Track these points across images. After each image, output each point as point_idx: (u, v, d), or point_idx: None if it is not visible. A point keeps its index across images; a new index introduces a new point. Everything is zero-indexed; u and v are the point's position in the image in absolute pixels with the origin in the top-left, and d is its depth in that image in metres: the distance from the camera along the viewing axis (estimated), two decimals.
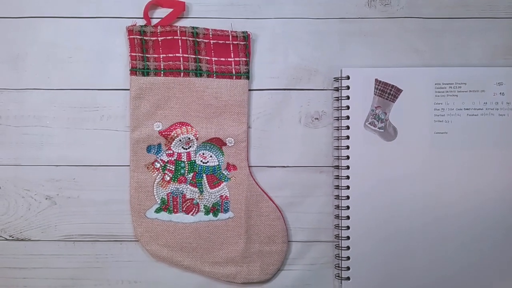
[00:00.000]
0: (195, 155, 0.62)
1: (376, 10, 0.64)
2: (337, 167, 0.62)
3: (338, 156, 0.62)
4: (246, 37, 0.61)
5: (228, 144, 0.62)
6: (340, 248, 0.62)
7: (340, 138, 0.62)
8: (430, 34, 0.63)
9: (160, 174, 0.62)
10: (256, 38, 0.63)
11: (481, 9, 0.63)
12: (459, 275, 0.61)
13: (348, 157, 0.62)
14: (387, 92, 0.62)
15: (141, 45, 0.61)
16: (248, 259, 0.62)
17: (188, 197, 0.62)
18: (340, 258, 0.62)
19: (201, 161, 0.62)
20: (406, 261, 0.61)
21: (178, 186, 0.62)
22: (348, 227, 0.61)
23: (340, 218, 0.62)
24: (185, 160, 0.62)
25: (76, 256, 0.63)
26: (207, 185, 0.63)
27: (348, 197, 0.61)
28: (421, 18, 0.64)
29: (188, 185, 0.62)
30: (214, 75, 0.62)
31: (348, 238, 0.61)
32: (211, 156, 0.62)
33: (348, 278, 0.61)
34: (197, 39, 0.61)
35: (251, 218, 0.62)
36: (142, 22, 0.62)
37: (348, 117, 0.62)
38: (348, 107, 0.62)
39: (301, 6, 0.63)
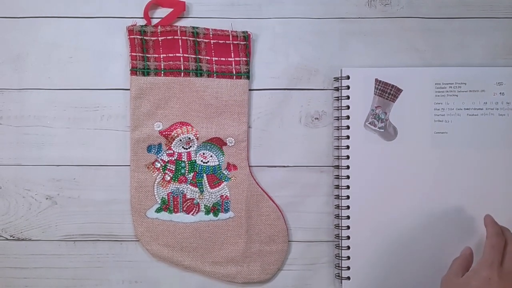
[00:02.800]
0: (196, 155, 0.62)
1: (376, 10, 0.64)
2: (337, 167, 0.62)
3: (338, 156, 0.62)
4: (246, 37, 0.61)
5: (228, 144, 0.62)
6: (340, 247, 0.62)
7: (340, 138, 0.62)
8: (430, 34, 0.63)
9: (160, 174, 0.62)
10: (256, 38, 0.63)
11: (481, 9, 0.63)
12: None
13: (348, 157, 0.62)
14: (387, 92, 0.62)
15: (142, 45, 0.61)
16: (249, 259, 0.62)
17: (188, 197, 0.62)
18: (340, 258, 0.62)
19: (202, 161, 0.62)
20: (406, 261, 0.61)
21: (178, 186, 0.62)
22: (348, 227, 0.62)
23: (340, 217, 0.62)
24: (186, 160, 0.62)
25: (77, 256, 0.63)
26: (208, 185, 0.63)
27: (348, 197, 0.62)
28: (421, 18, 0.64)
29: (189, 185, 0.62)
30: (215, 75, 0.62)
31: (348, 237, 0.61)
32: (211, 156, 0.62)
33: (348, 278, 0.61)
34: (197, 39, 0.61)
35: (252, 218, 0.62)
36: (142, 22, 0.62)
37: (348, 117, 0.62)
38: (348, 107, 0.62)
39: (302, 6, 0.63)
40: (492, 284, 0.50)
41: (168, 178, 0.62)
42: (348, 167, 0.62)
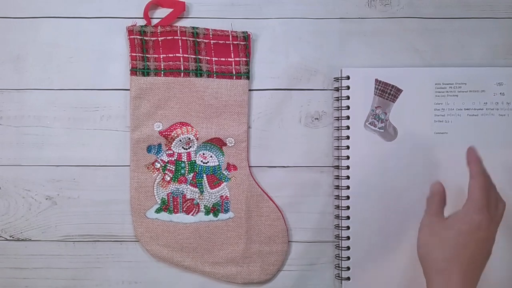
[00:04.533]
0: (196, 155, 0.62)
1: (376, 10, 0.64)
2: (337, 167, 0.62)
3: (338, 156, 0.62)
4: (246, 37, 0.61)
5: (228, 144, 0.62)
6: (340, 248, 0.62)
7: (340, 138, 0.62)
8: (430, 34, 0.63)
9: (160, 174, 0.62)
10: (256, 38, 0.63)
11: (481, 9, 0.63)
12: None
13: (348, 157, 0.62)
14: (387, 92, 0.62)
15: (141, 45, 0.61)
16: (249, 259, 0.62)
17: (188, 197, 0.62)
18: (340, 258, 0.62)
19: (201, 161, 0.62)
20: (406, 262, 0.61)
21: (178, 186, 0.62)
22: (348, 227, 0.62)
23: (340, 218, 0.62)
24: (186, 160, 0.62)
25: (77, 257, 0.63)
26: (208, 185, 0.63)
27: (348, 197, 0.62)
28: (421, 18, 0.64)
29: (189, 185, 0.62)
30: (214, 75, 0.62)
31: (348, 238, 0.61)
32: (211, 156, 0.62)
33: (348, 278, 0.61)
34: (197, 39, 0.61)
35: (252, 218, 0.62)
36: (142, 22, 0.62)
37: (348, 117, 0.62)
38: (348, 107, 0.62)
39: (302, 6, 0.63)
40: (482, 229, 0.48)
41: (168, 178, 0.62)
42: (348, 167, 0.62)
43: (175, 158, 0.62)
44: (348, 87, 0.62)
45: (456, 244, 0.48)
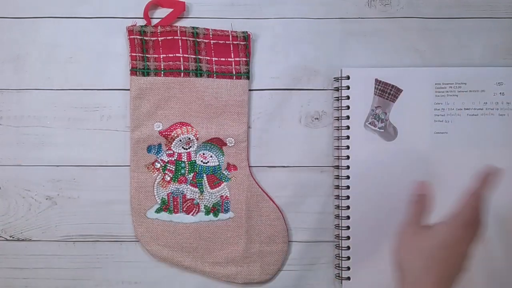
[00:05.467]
0: (196, 155, 0.62)
1: (376, 10, 0.64)
2: (337, 167, 0.62)
3: (338, 156, 0.62)
4: (246, 37, 0.61)
5: (228, 144, 0.62)
6: (340, 248, 0.62)
7: (340, 138, 0.62)
8: (430, 34, 0.63)
9: (160, 174, 0.62)
10: (256, 38, 0.63)
11: (481, 9, 0.64)
12: None
13: (348, 157, 0.62)
14: (387, 92, 0.62)
15: (141, 45, 0.61)
16: (249, 259, 0.62)
17: (188, 197, 0.62)
18: (340, 258, 0.62)
19: (202, 161, 0.62)
20: None
21: (178, 186, 0.62)
22: (348, 227, 0.62)
23: (340, 218, 0.62)
24: (186, 160, 0.62)
25: (77, 257, 0.63)
26: (208, 185, 0.63)
27: (348, 197, 0.62)
28: (421, 18, 0.64)
29: (189, 185, 0.62)
30: (214, 75, 0.62)
31: (348, 238, 0.61)
32: (211, 156, 0.62)
33: (348, 278, 0.61)
34: (197, 39, 0.61)
35: (252, 218, 0.62)
36: (142, 22, 0.62)
37: (348, 117, 0.62)
38: (348, 107, 0.62)
39: (302, 6, 0.63)
40: (464, 244, 0.47)
41: (168, 178, 0.62)
42: (348, 167, 0.62)
43: (175, 158, 0.62)
44: (348, 87, 0.62)
45: (436, 255, 0.47)
